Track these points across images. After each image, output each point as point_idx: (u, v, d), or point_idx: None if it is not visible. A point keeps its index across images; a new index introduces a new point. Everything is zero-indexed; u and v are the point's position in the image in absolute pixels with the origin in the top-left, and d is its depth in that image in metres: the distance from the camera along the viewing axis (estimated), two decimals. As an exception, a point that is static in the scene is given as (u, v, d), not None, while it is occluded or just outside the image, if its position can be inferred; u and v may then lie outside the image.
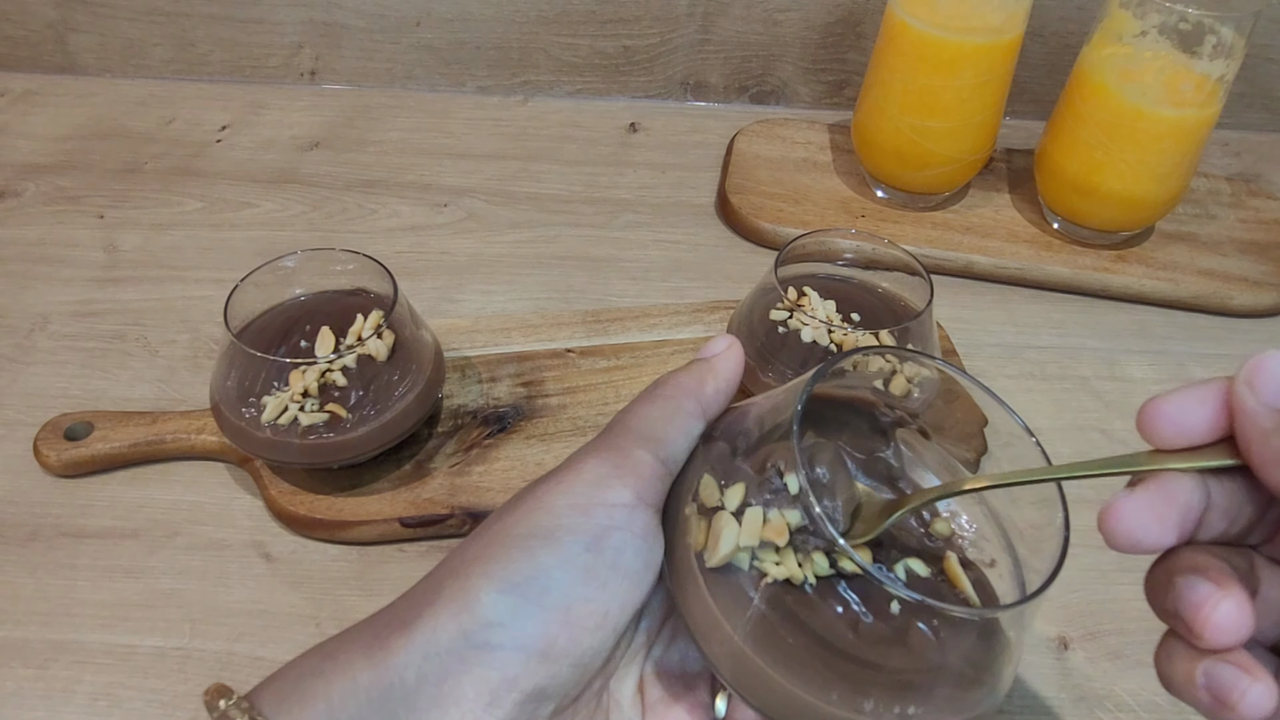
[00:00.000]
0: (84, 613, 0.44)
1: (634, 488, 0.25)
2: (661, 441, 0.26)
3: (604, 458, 0.26)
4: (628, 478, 0.25)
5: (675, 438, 0.26)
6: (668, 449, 0.26)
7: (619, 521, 0.25)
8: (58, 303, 0.60)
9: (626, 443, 0.26)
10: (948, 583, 0.28)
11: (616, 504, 0.25)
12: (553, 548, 0.24)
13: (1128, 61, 0.58)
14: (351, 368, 0.45)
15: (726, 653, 0.24)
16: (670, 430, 0.26)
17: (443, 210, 0.69)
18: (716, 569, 0.24)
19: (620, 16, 0.77)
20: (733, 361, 0.28)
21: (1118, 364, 0.59)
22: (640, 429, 0.26)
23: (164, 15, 0.77)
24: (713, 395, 0.27)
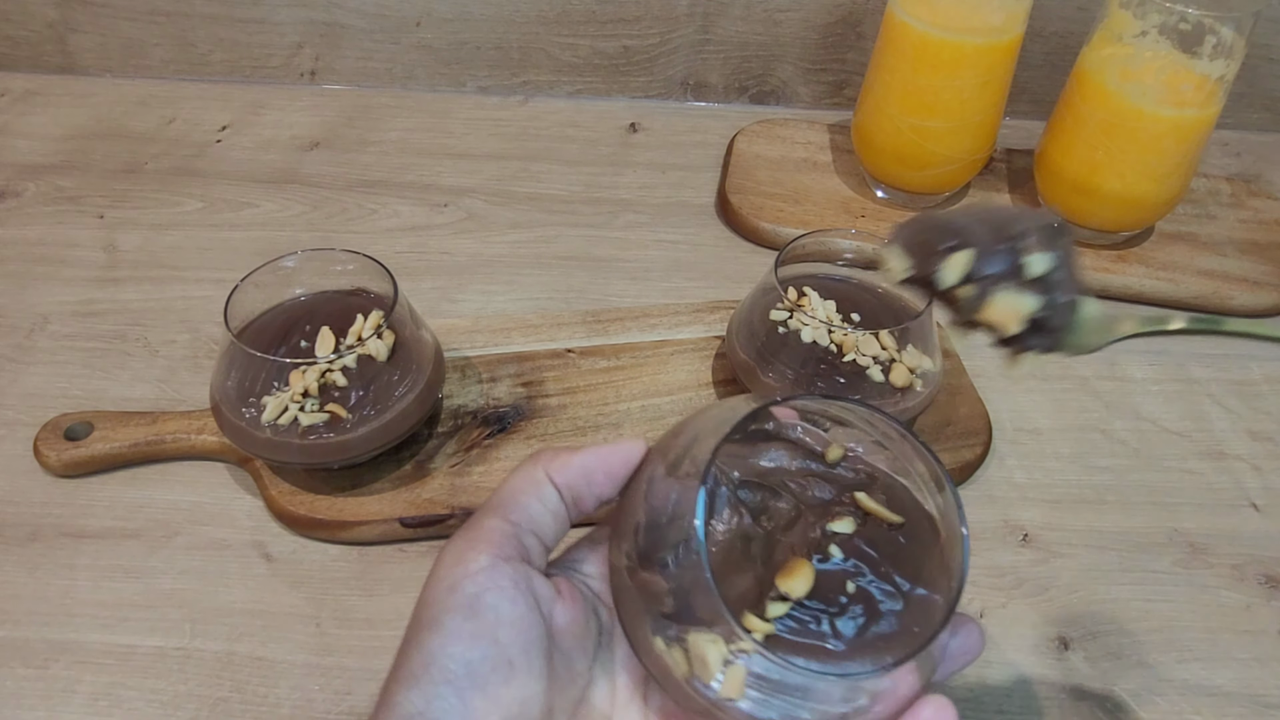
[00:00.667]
0: (84, 613, 0.44)
1: (488, 551, 0.27)
2: (506, 505, 0.29)
3: (459, 537, 0.28)
4: (480, 544, 0.28)
5: (519, 500, 0.29)
6: (514, 511, 0.29)
7: (484, 584, 0.27)
8: (58, 303, 0.60)
9: (475, 519, 0.29)
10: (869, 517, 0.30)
11: (477, 570, 0.27)
12: (436, 631, 0.26)
13: (1128, 61, 0.58)
14: (351, 368, 0.45)
15: None
16: (515, 497, 0.29)
17: (443, 210, 0.69)
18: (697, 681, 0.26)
19: (620, 16, 0.77)
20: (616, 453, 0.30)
21: (1118, 364, 0.59)
22: (488, 504, 0.29)
23: (164, 15, 0.77)
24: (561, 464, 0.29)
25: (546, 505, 0.29)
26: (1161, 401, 0.56)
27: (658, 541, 0.27)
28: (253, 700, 0.41)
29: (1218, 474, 0.52)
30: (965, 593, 0.45)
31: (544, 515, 0.29)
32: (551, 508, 0.29)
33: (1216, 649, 0.45)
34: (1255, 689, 0.43)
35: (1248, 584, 0.47)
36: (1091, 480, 0.52)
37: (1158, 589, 0.47)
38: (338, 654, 0.43)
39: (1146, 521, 0.50)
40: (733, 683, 0.25)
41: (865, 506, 0.30)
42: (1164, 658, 0.44)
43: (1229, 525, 0.50)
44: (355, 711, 0.41)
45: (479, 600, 0.27)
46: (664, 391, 0.53)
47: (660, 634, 0.27)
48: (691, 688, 0.26)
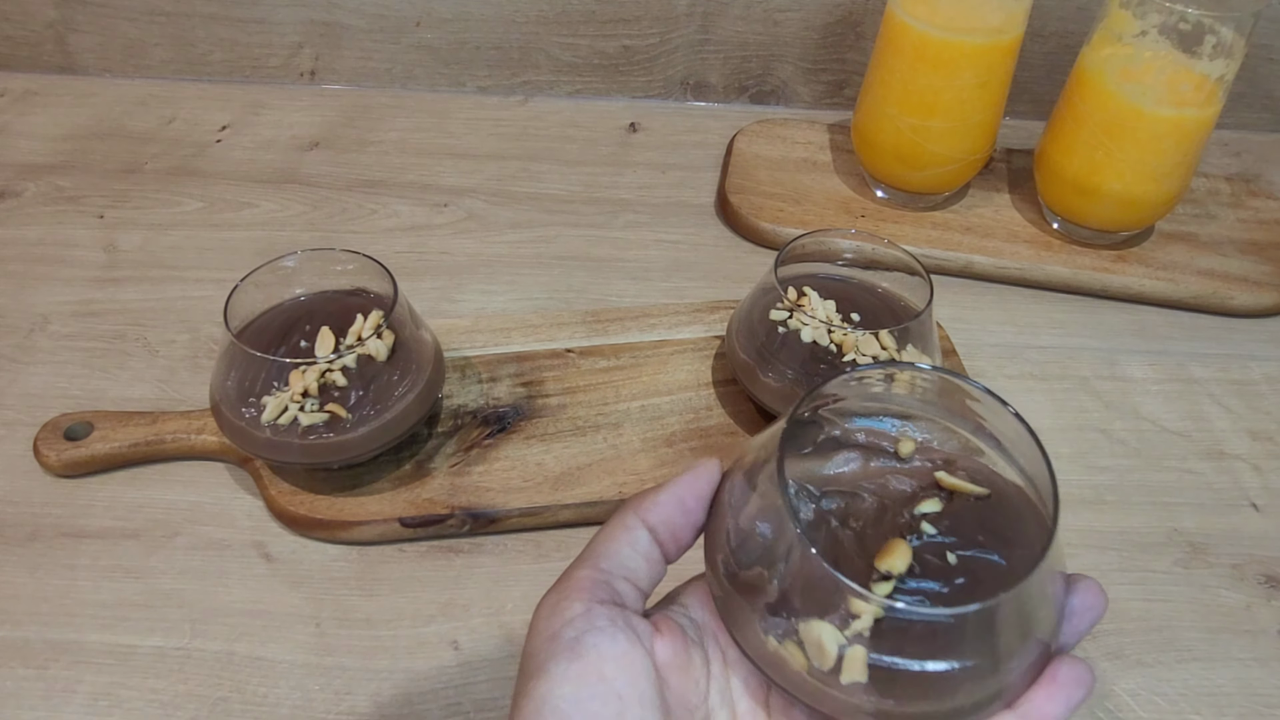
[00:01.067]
0: (84, 613, 0.44)
1: (581, 598, 0.28)
2: (597, 554, 0.29)
3: (553, 591, 0.29)
4: (573, 593, 0.28)
5: (610, 547, 0.30)
6: (604, 559, 0.29)
7: (582, 627, 0.27)
8: (58, 303, 0.60)
9: (567, 572, 0.30)
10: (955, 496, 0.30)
11: (573, 616, 0.28)
12: (543, 678, 0.27)
13: (1128, 61, 0.58)
14: (351, 368, 0.45)
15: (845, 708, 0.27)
16: (605, 545, 0.30)
17: (443, 210, 0.69)
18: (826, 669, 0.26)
19: (620, 16, 0.77)
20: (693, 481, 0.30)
21: (1118, 364, 0.59)
22: (581, 556, 0.30)
23: (164, 15, 0.77)
24: (651, 508, 0.30)
25: (638, 549, 0.30)
26: (1161, 401, 0.56)
27: (751, 538, 0.28)
28: (252, 700, 0.41)
29: (1218, 474, 0.52)
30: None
31: (635, 559, 0.30)
32: (643, 550, 0.30)
33: (1216, 649, 0.45)
34: (1255, 689, 0.43)
35: (1248, 584, 0.47)
36: (1091, 480, 0.52)
37: (1158, 589, 0.47)
38: (337, 654, 0.43)
39: (1146, 521, 0.50)
40: (854, 664, 0.26)
41: (948, 484, 0.30)
42: (1164, 658, 0.44)
43: (1229, 525, 0.50)
44: (355, 711, 0.41)
45: (579, 642, 0.27)
46: (664, 391, 0.53)
47: (771, 633, 0.27)
48: (813, 679, 0.26)
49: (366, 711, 0.41)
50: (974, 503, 0.30)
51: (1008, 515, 0.29)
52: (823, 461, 0.31)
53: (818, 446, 0.31)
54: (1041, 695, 0.27)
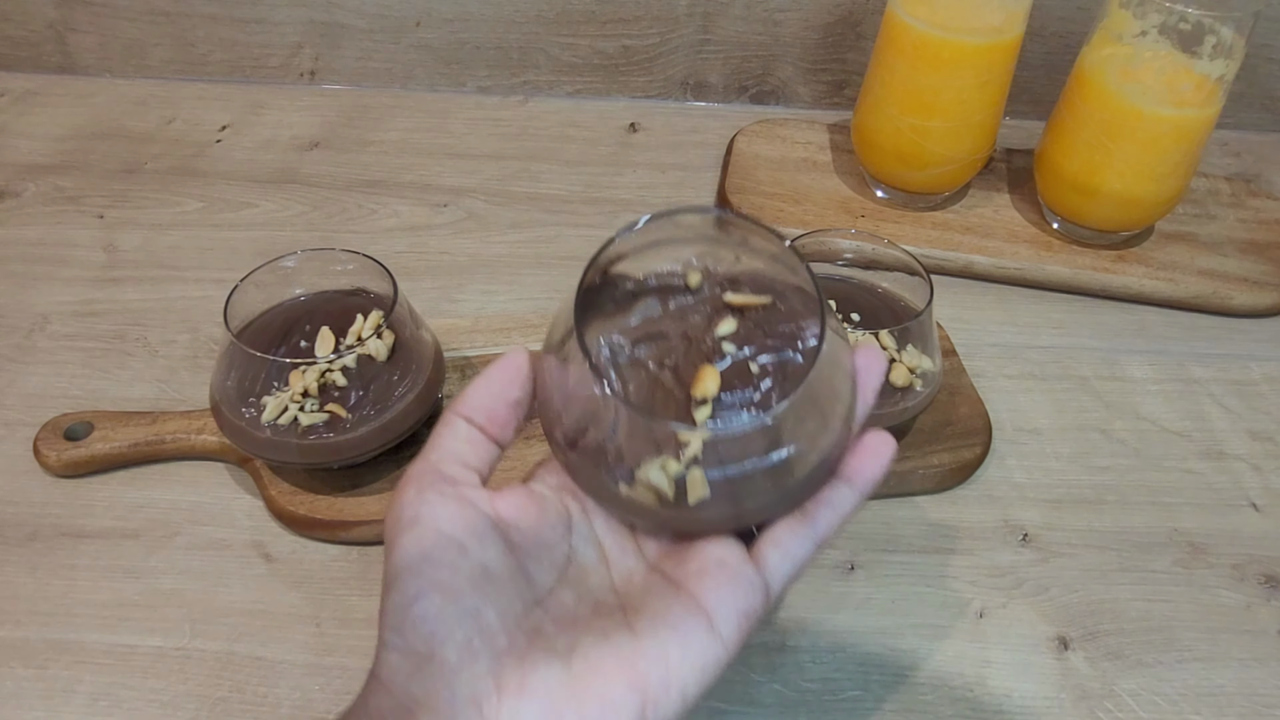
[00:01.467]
0: (84, 613, 0.44)
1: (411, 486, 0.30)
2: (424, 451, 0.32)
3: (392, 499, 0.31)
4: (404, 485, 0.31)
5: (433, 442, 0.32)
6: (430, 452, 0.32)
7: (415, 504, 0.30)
8: (58, 303, 0.60)
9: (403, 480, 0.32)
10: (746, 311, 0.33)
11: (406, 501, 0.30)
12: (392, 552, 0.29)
13: (1128, 61, 0.58)
14: (351, 368, 0.45)
15: None
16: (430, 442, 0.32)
17: (443, 210, 0.69)
18: None
19: (620, 16, 0.77)
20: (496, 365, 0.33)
21: (1118, 364, 0.59)
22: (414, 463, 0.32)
23: (164, 15, 0.77)
24: (461, 397, 0.32)
25: (459, 436, 0.32)
26: (1161, 401, 0.56)
27: (577, 407, 0.30)
28: (253, 700, 0.41)
29: (1218, 474, 0.52)
30: (966, 592, 0.45)
31: (458, 443, 0.31)
32: (463, 436, 0.32)
33: (1216, 649, 0.45)
34: (1255, 689, 0.43)
35: (1248, 584, 0.47)
36: (1091, 480, 0.52)
37: (1158, 589, 0.47)
38: (338, 654, 0.43)
39: (1146, 521, 0.50)
40: (695, 485, 0.29)
41: (735, 302, 0.33)
42: (1164, 658, 0.44)
43: (1229, 525, 0.50)
44: (355, 711, 0.41)
45: (416, 516, 0.29)
46: (664, 391, 0.53)
47: (620, 482, 0.29)
48: (666, 509, 0.29)
49: (366, 711, 0.41)
50: (761, 312, 0.33)
51: (792, 313, 0.32)
52: (626, 314, 0.33)
53: (617, 302, 0.33)
54: (859, 462, 0.31)
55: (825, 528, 0.31)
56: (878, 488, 0.32)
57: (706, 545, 0.31)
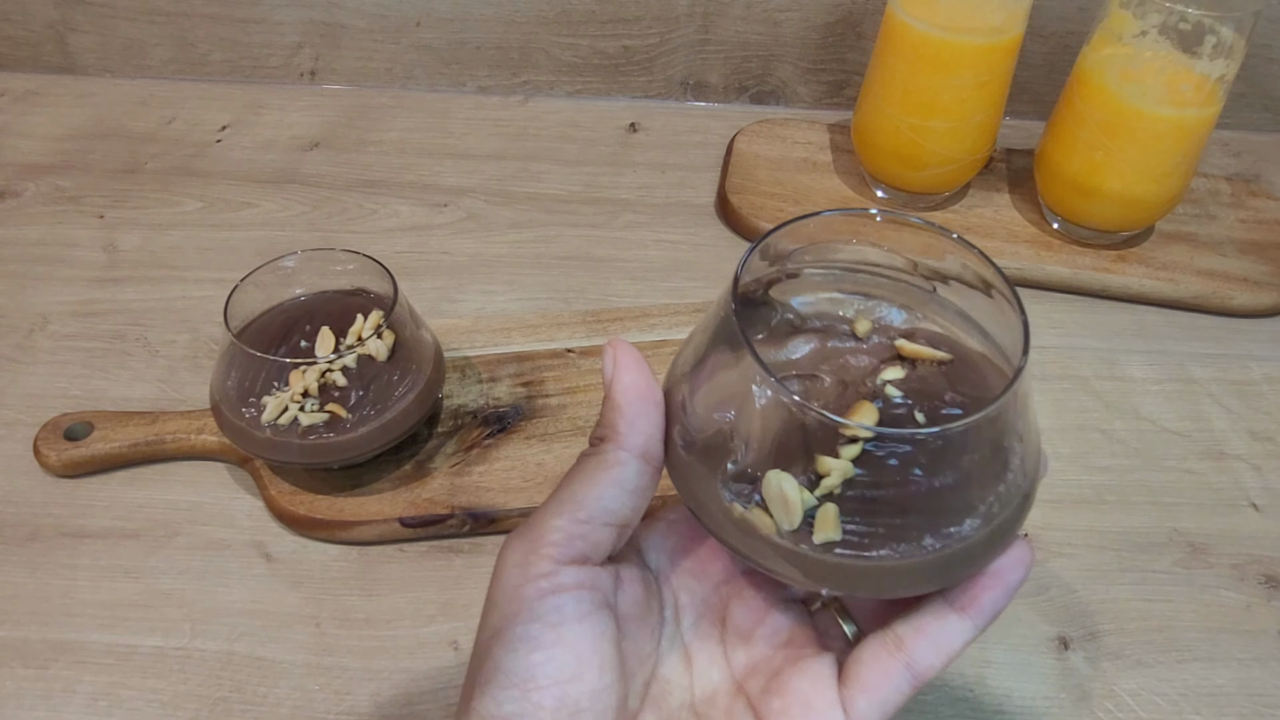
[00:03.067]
0: (84, 613, 0.44)
1: (550, 555, 0.27)
2: (576, 500, 0.28)
3: (524, 536, 0.28)
4: (544, 548, 0.27)
5: (591, 493, 0.28)
6: (583, 508, 0.27)
7: (545, 588, 0.27)
8: (58, 303, 0.60)
9: (542, 517, 0.28)
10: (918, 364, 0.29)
11: (537, 575, 0.27)
12: (503, 642, 0.26)
13: (1128, 61, 0.58)
14: (351, 368, 0.45)
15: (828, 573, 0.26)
16: (586, 490, 0.28)
17: (443, 210, 0.69)
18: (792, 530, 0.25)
19: (620, 16, 0.77)
20: (627, 376, 0.28)
21: (1118, 364, 0.59)
22: (557, 497, 0.28)
23: (164, 15, 0.77)
24: (626, 430, 0.28)
25: (625, 486, 0.27)
26: (1161, 401, 0.56)
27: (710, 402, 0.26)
28: (252, 700, 0.41)
29: (1218, 474, 0.52)
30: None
31: (621, 498, 0.28)
32: (631, 485, 0.28)
33: (1216, 649, 0.45)
34: (1255, 689, 0.43)
35: (1248, 584, 0.47)
36: (1091, 480, 0.52)
37: (1158, 589, 0.47)
38: (337, 654, 0.43)
39: (1146, 521, 0.50)
40: (826, 521, 0.24)
41: (909, 352, 0.29)
42: (1164, 658, 0.44)
43: (1229, 525, 0.50)
44: (355, 711, 0.41)
45: (540, 604, 0.26)
46: (664, 391, 0.53)
47: (736, 499, 0.26)
48: (781, 544, 0.25)
49: (366, 711, 0.41)
50: (937, 367, 0.29)
51: (972, 377, 0.29)
52: (778, 347, 0.30)
53: (771, 331, 0.30)
54: (981, 589, 0.27)
55: (925, 668, 0.27)
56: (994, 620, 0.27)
57: (796, 676, 0.28)
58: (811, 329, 0.30)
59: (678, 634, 0.30)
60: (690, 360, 0.28)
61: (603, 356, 0.29)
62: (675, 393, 0.28)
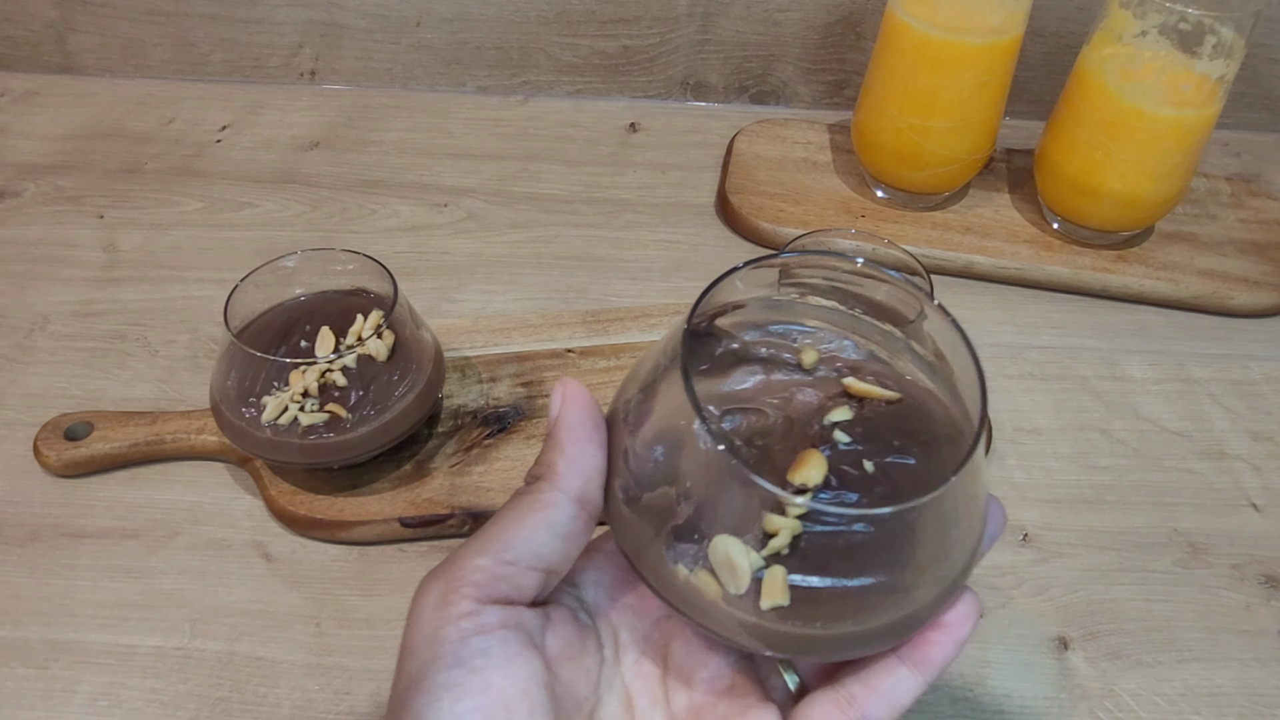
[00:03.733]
0: (84, 613, 0.44)
1: (471, 596, 0.25)
2: (503, 541, 0.26)
3: (442, 575, 0.26)
4: (464, 588, 0.25)
5: (520, 534, 0.26)
6: (509, 549, 0.26)
7: (466, 629, 0.25)
8: (58, 303, 0.60)
9: (463, 555, 0.26)
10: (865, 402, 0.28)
11: (458, 616, 0.25)
12: (424, 690, 0.24)
13: (1128, 61, 0.58)
14: (351, 368, 0.45)
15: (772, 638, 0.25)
16: (515, 531, 0.26)
17: (443, 210, 0.69)
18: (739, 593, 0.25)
19: (620, 16, 0.77)
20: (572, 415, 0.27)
21: (1118, 364, 0.59)
22: (483, 535, 0.26)
23: (164, 15, 0.77)
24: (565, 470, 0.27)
25: (557, 530, 0.26)
26: (1161, 401, 0.56)
27: (653, 458, 0.25)
28: (252, 700, 0.41)
29: (1218, 474, 0.52)
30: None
31: (552, 542, 0.26)
32: (563, 530, 0.26)
33: (1216, 649, 0.45)
34: (1255, 689, 0.43)
35: (1248, 584, 0.47)
36: (1091, 480, 0.52)
37: (1158, 589, 0.47)
38: (337, 654, 0.43)
39: (1146, 521, 0.50)
40: (773, 586, 0.24)
41: (857, 390, 0.28)
42: (1164, 658, 0.44)
43: (1229, 525, 0.50)
44: (355, 711, 0.41)
45: (465, 647, 0.25)
46: (664, 391, 0.53)
47: (680, 561, 0.25)
48: (731, 607, 0.24)
49: (366, 711, 0.41)
50: (886, 407, 0.28)
51: (921, 419, 0.28)
52: (722, 378, 0.29)
53: (715, 361, 0.29)
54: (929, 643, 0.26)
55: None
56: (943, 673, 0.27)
57: None
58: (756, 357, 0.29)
59: (618, 674, 0.29)
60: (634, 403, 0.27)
61: (551, 393, 0.27)
62: (617, 435, 0.27)
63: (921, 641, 0.26)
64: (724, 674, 0.29)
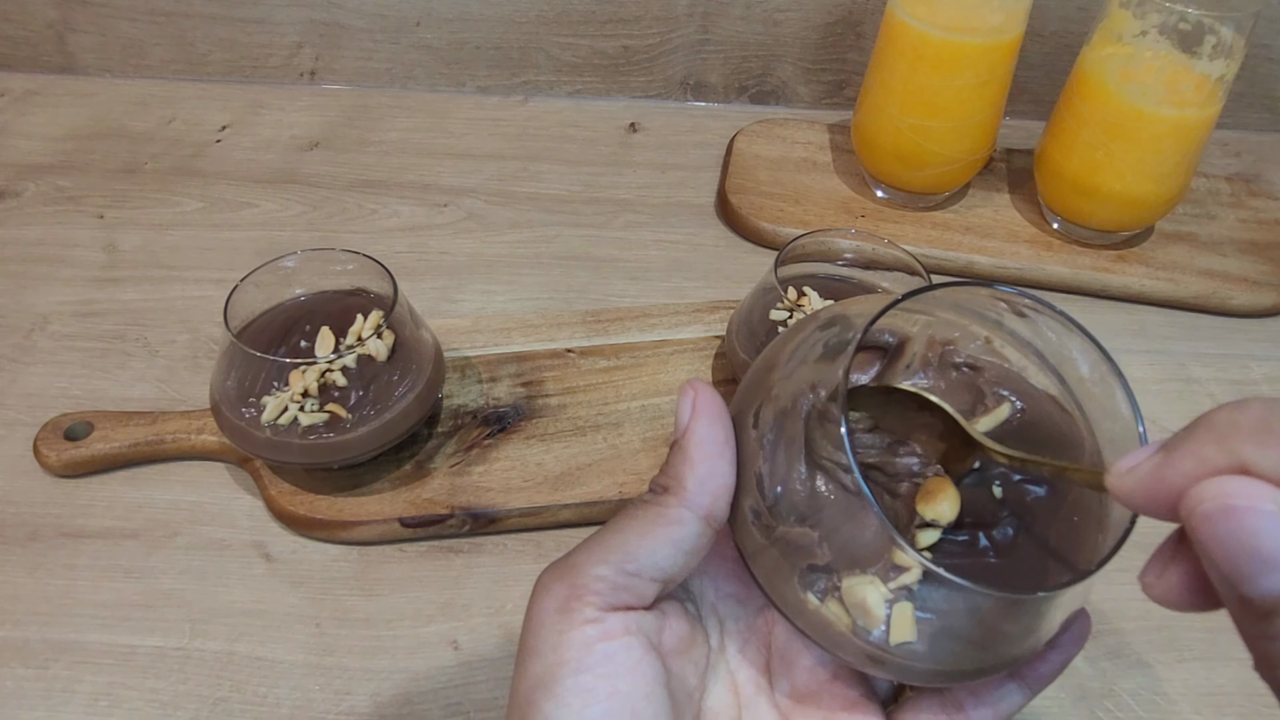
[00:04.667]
0: (84, 613, 0.44)
1: (594, 604, 0.26)
2: (627, 551, 0.26)
3: (564, 577, 0.26)
4: (587, 594, 0.26)
5: (645, 545, 0.26)
6: (632, 560, 0.26)
7: (592, 636, 0.25)
8: (58, 303, 0.60)
9: (583, 560, 0.26)
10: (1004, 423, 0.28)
11: (583, 621, 0.25)
12: (551, 694, 0.25)
13: (1128, 61, 0.58)
14: (351, 368, 0.45)
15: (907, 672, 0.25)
16: (639, 542, 0.26)
17: (443, 210, 0.69)
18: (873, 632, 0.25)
19: (620, 16, 0.77)
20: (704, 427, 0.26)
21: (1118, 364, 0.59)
22: (605, 543, 0.26)
23: (164, 15, 0.77)
24: (695, 488, 0.26)
25: (681, 546, 0.26)
26: (1161, 401, 0.56)
27: (793, 487, 0.25)
28: (252, 700, 0.41)
29: (1218, 474, 0.52)
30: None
31: (675, 557, 0.26)
32: (688, 546, 0.26)
33: (1216, 649, 0.45)
34: (1255, 689, 0.43)
35: (1248, 584, 0.47)
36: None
37: (1158, 589, 0.47)
38: (337, 654, 0.43)
39: (1146, 521, 0.50)
40: (902, 623, 0.24)
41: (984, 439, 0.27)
42: (1164, 657, 0.44)
43: (1229, 525, 0.50)
44: (355, 711, 0.41)
45: (588, 655, 0.25)
46: (664, 391, 0.53)
47: (810, 589, 0.25)
48: (859, 639, 0.24)
49: (366, 711, 0.41)
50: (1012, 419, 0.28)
51: (1046, 429, 0.27)
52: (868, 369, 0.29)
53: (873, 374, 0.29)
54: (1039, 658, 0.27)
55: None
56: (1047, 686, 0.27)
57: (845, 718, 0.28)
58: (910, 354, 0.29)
59: (723, 661, 0.29)
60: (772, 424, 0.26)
61: (680, 396, 0.27)
62: (749, 451, 0.26)
63: (1034, 659, 0.27)
64: (826, 661, 0.30)
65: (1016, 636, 0.25)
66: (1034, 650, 0.26)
